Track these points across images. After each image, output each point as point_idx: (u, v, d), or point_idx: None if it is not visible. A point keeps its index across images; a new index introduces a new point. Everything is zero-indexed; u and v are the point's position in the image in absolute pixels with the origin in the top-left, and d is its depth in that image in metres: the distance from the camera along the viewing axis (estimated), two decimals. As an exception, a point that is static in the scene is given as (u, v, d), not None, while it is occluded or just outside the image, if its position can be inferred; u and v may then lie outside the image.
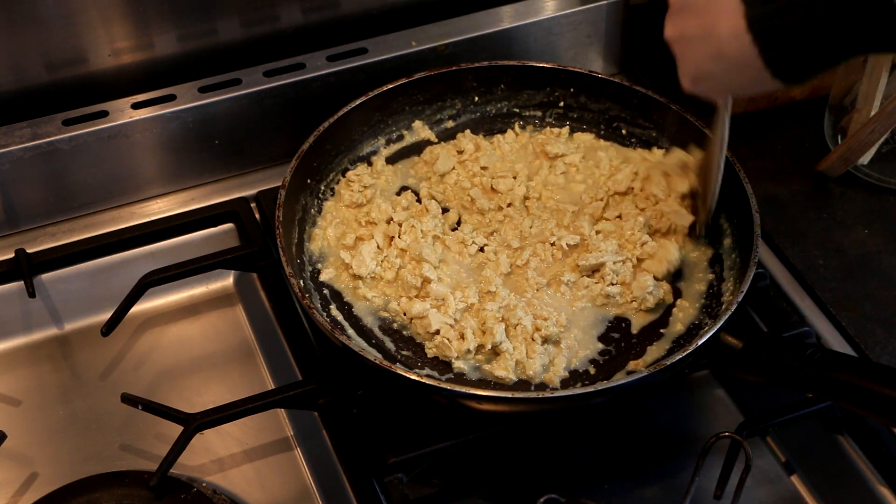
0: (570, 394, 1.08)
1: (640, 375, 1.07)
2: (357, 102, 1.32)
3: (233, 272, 1.36)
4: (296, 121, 1.40)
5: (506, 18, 1.46)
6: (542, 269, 1.24)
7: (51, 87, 1.36)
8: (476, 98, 1.39)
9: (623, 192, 1.30)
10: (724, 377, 1.26)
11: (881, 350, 1.21)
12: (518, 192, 1.30)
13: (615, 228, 1.27)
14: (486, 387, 1.14)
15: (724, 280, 1.22)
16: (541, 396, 1.09)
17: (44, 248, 1.31)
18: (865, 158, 1.39)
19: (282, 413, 1.22)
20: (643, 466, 1.19)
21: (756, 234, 1.17)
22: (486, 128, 1.39)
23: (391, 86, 1.34)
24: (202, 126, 1.37)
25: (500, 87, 1.38)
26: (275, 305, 1.27)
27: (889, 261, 1.31)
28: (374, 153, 1.36)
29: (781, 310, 1.24)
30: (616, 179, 1.30)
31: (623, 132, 1.37)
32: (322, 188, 1.31)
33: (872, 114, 1.34)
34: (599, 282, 1.21)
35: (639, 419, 1.22)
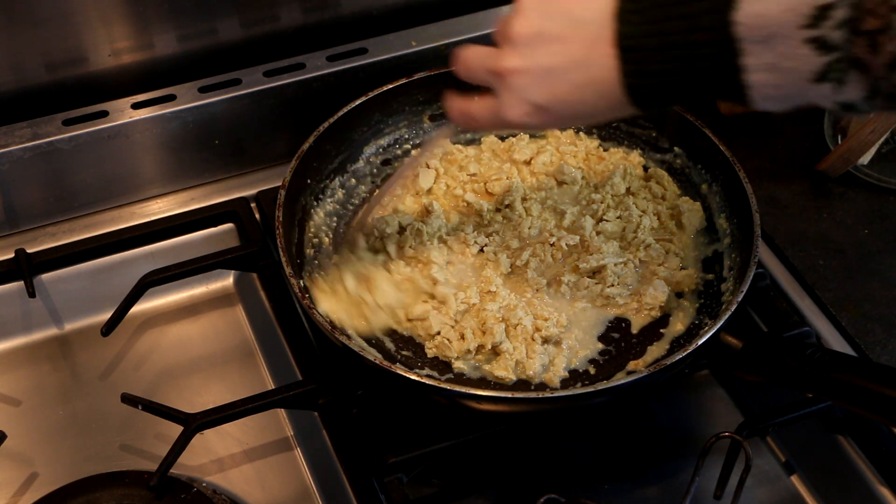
0: (570, 394, 1.08)
1: (640, 375, 1.07)
2: (357, 102, 1.32)
3: (233, 272, 1.36)
4: (296, 121, 1.40)
5: (506, 18, 1.46)
6: (543, 270, 1.24)
7: (51, 87, 1.36)
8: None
9: (623, 193, 1.30)
10: (724, 377, 1.26)
11: (881, 350, 1.21)
12: (516, 194, 1.30)
13: (617, 229, 1.26)
14: (486, 387, 1.14)
15: (724, 280, 1.22)
16: (541, 396, 1.09)
17: (44, 248, 1.31)
18: (865, 158, 1.39)
19: (282, 413, 1.22)
20: (643, 466, 1.19)
21: (756, 234, 1.17)
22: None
23: (391, 86, 1.34)
24: (202, 126, 1.37)
25: (500, 87, 1.38)
26: (275, 305, 1.27)
27: (889, 261, 1.31)
28: (374, 154, 1.36)
29: (781, 310, 1.24)
30: (614, 183, 1.30)
31: (623, 132, 1.37)
32: (322, 188, 1.31)
33: (872, 114, 1.34)
34: (600, 283, 1.21)
35: (639, 419, 1.22)
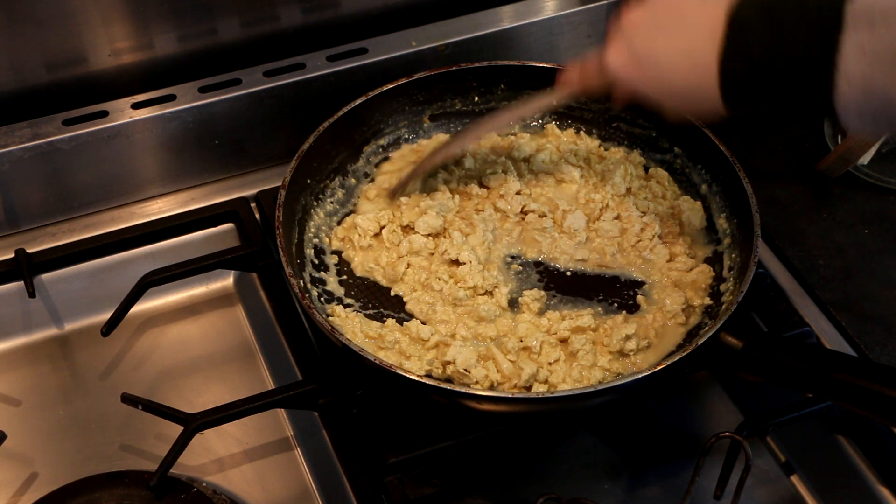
0: (570, 394, 1.08)
1: (640, 375, 1.07)
2: (357, 102, 1.32)
3: (233, 272, 1.36)
4: (296, 121, 1.40)
5: (506, 18, 1.46)
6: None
7: (51, 87, 1.36)
8: (476, 98, 1.39)
9: (624, 193, 1.30)
10: (724, 377, 1.26)
11: (881, 350, 1.21)
12: (511, 187, 1.30)
13: (615, 230, 1.26)
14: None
15: (724, 280, 1.22)
16: (541, 396, 1.09)
17: (44, 248, 1.31)
18: (865, 158, 1.39)
19: (282, 413, 1.22)
20: (643, 466, 1.19)
21: (756, 234, 1.17)
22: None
23: (391, 86, 1.34)
24: (202, 126, 1.37)
25: (500, 87, 1.38)
26: (275, 305, 1.27)
27: (889, 261, 1.31)
28: (374, 154, 1.36)
29: (781, 310, 1.24)
30: (614, 183, 1.30)
31: (623, 132, 1.37)
32: (322, 188, 1.31)
33: (872, 114, 1.34)
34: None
35: (639, 419, 1.22)
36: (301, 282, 1.19)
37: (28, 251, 1.29)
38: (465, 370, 1.11)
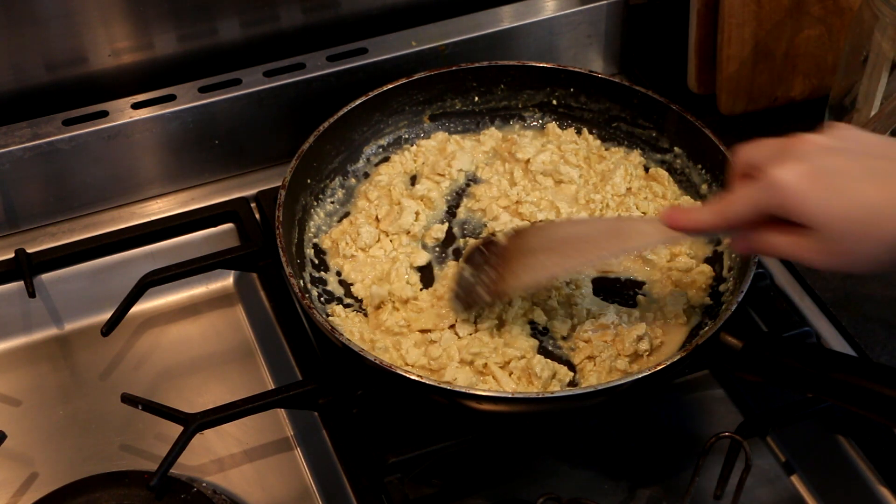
0: (570, 394, 1.08)
1: (640, 375, 1.07)
2: (357, 102, 1.32)
3: (233, 272, 1.36)
4: (296, 121, 1.40)
5: (506, 18, 1.46)
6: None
7: (51, 87, 1.36)
8: (476, 98, 1.39)
9: (624, 193, 1.30)
10: (724, 377, 1.26)
11: (881, 350, 1.21)
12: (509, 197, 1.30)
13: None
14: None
15: (724, 280, 1.22)
16: (541, 396, 1.09)
17: (44, 248, 1.31)
18: (865, 158, 1.39)
19: (282, 413, 1.22)
20: (643, 466, 1.19)
21: (756, 234, 1.17)
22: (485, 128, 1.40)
23: (391, 86, 1.34)
24: (202, 126, 1.37)
25: (500, 87, 1.39)
26: (275, 305, 1.27)
27: (889, 261, 1.31)
28: (374, 154, 1.36)
29: (781, 310, 1.24)
30: (614, 183, 1.30)
31: (623, 132, 1.37)
32: (322, 188, 1.31)
33: (872, 114, 1.34)
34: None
35: (639, 419, 1.22)
36: (301, 282, 1.19)
37: (28, 251, 1.29)
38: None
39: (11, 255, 1.29)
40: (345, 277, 1.24)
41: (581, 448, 1.20)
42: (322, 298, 1.22)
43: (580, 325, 1.18)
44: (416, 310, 1.19)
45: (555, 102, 1.39)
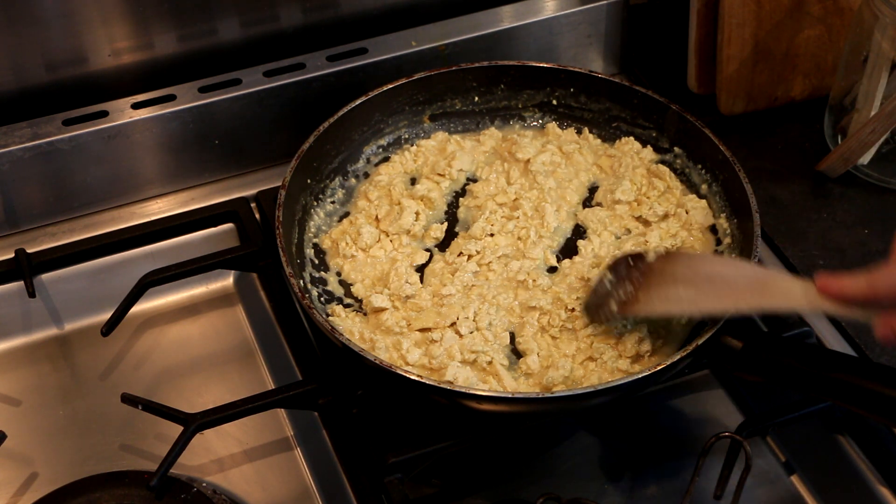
0: (570, 394, 1.08)
1: (640, 375, 1.07)
2: (357, 102, 1.32)
3: (233, 272, 1.36)
4: (296, 121, 1.40)
5: (506, 18, 1.46)
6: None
7: (51, 87, 1.36)
8: (476, 98, 1.39)
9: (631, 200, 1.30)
10: (724, 377, 1.26)
11: (881, 350, 1.21)
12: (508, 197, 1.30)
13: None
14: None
15: (725, 280, 1.22)
16: (541, 396, 1.09)
17: (44, 248, 1.31)
18: (865, 158, 1.39)
19: (282, 413, 1.22)
20: (643, 466, 1.19)
21: (756, 235, 1.17)
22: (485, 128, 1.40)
23: (391, 86, 1.34)
24: (202, 126, 1.37)
25: (500, 87, 1.39)
26: (275, 305, 1.27)
27: (889, 261, 1.31)
28: (374, 154, 1.36)
29: (781, 310, 1.24)
30: (624, 189, 1.30)
31: (623, 132, 1.37)
32: (322, 188, 1.31)
33: (872, 114, 1.34)
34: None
35: (639, 419, 1.22)
36: (301, 282, 1.19)
37: (28, 251, 1.29)
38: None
39: (11, 255, 1.29)
40: (345, 277, 1.24)
41: (581, 448, 1.20)
42: (322, 298, 1.22)
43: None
44: (416, 309, 1.19)
45: (555, 102, 1.39)
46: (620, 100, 1.36)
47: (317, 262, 1.26)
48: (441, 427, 1.12)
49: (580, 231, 1.29)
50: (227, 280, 1.36)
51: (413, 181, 1.34)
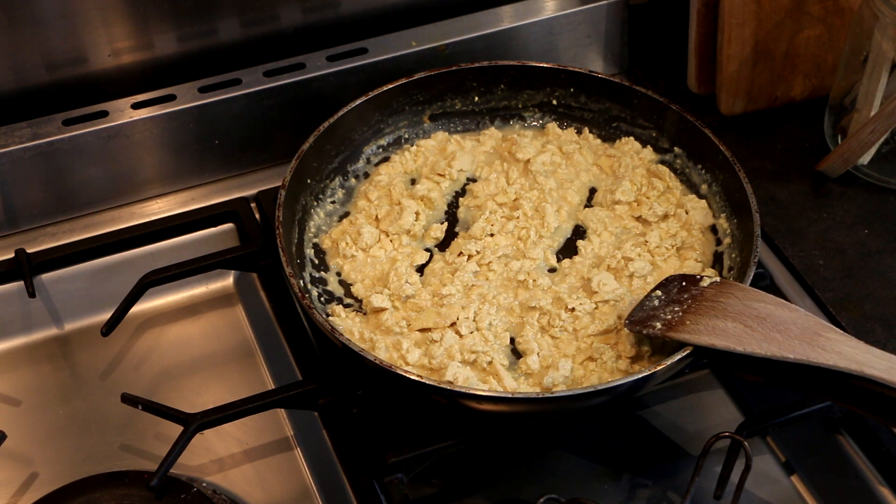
0: (570, 394, 1.08)
1: (640, 375, 1.07)
2: (357, 102, 1.32)
3: (233, 272, 1.36)
4: (296, 121, 1.40)
5: (506, 18, 1.46)
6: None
7: (51, 87, 1.36)
8: (476, 98, 1.39)
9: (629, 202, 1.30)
10: (724, 377, 1.26)
11: (881, 350, 1.21)
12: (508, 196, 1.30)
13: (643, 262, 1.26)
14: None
15: (725, 280, 1.22)
16: (541, 396, 1.09)
17: (44, 248, 1.31)
18: (865, 158, 1.39)
19: (282, 413, 1.22)
20: (643, 466, 1.19)
21: (756, 234, 1.17)
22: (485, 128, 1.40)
23: (391, 86, 1.34)
24: (202, 126, 1.37)
25: (500, 87, 1.39)
26: (275, 305, 1.27)
27: (889, 261, 1.31)
28: (374, 154, 1.36)
29: (781, 310, 1.24)
30: (624, 189, 1.30)
31: (623, 132, 1.37)
32: (322, 188, 1.31)
33: (872, 114, 1.34)
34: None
35: (639, 419, 1.22)
36: (301, 282, 1.19)
37: (28, 251, 1.29)
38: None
39: (11, 255, 1.29)
40: (345, 277, 1.25)
41: (581, 448, 1.20)
42: (322, 298, 1.22)
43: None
44: (416, 309, 1.19)
45: (555, 102, 1.39)
46: (620, 100, 1.36)
47: (317, 262, 1.26)
48: (441, 427, 1.12)
49: (580, 231, 1.29)
50: (227, 280, 1.36)
51: (413, 181, 1.34)
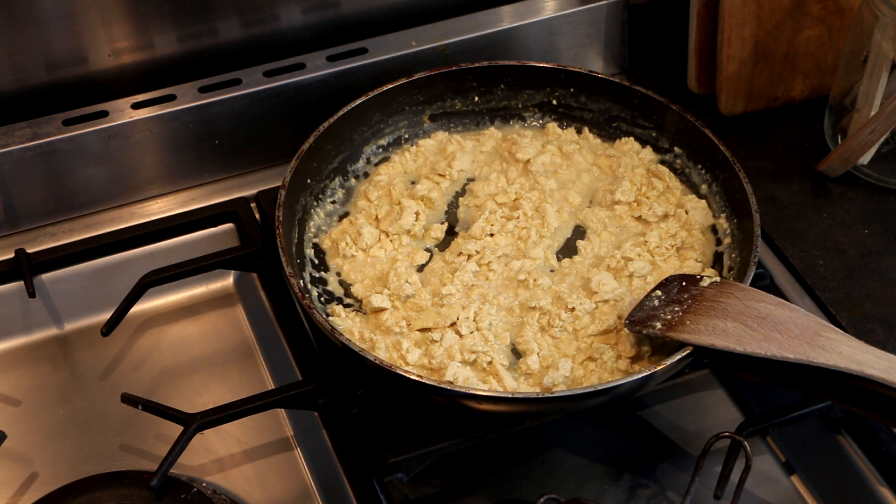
0: (570, 394, 1.08)
1: (640, 375, 1.07)
2: (357, 102, 1.32)
3: (233, 272, 1.36)
4: (296, 121, 1.40)
5: (506, 18, 1.46)
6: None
7: (51, 87, 1.36)
8: (476, 98, 1.39)
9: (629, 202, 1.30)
10: (724, 377, 1.26)
11: (881, 350, 1.21)
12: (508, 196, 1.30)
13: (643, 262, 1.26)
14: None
15: (725, 280, 1.22)
16: (541, 396, 1.09)
17: (44, 248, 1.31)
18: (865, 158, 1.39)
19: (282, 413, 1.22)
20: (643, 466, 1.19)
21: (756, 234, 1.17)
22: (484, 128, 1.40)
23: (391, 86, 1.34)
24: (202, 126, 1.37)
25: (500, 87, 1.39)
26: (275, 305, 1.27)
27: (889, 261, 1.31)
28: (374, 154, 1.36)
29: (781, 310, 1.24)
30: (623, 189, 1.30)
31: (623, 132, 1.37)
32: (322, 188, 1.31)
33: (872, 114, 1.34)
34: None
35: (639, 419, 1.22)
36: (301, 282, 1.19)
37: (28, 251, 1.29)
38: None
39: (11, 255, 1.29)
40: (344, 277, 1.25)
41: (581, 448, 1.20)
42: (322, 298, 1.22)
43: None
44: (416, 309, 1.19)
45: (555, 102, 1.39)
46: (620, 100, 1.36)
47: (317, 262, 1.26)
48: (441, 427, 1.12)
49: (580, 231, 1.29)
50: (227, 280, 1.36)
51: (413, 181, 1.34)
